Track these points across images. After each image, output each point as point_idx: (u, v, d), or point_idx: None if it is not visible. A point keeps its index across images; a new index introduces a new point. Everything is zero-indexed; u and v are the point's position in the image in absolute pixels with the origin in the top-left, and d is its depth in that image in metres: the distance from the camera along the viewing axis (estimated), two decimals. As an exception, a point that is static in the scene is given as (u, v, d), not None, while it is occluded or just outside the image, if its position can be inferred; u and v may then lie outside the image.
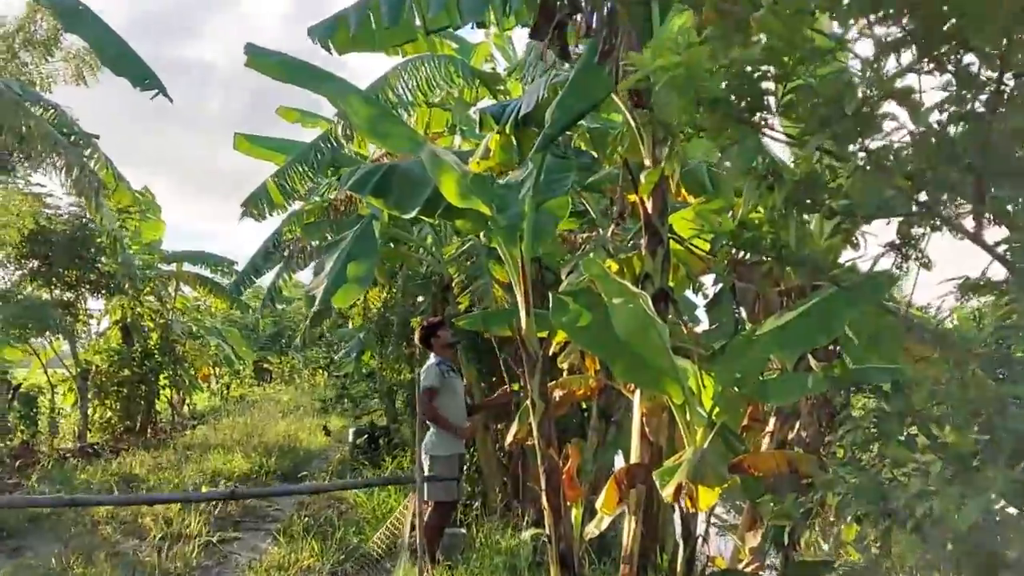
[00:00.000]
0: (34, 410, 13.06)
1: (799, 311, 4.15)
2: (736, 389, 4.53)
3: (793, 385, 4.06)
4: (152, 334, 16.79)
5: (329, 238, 7.93)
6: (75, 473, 10.86)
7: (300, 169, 8.42)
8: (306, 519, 8.20)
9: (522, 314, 4.61)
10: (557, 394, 5.28)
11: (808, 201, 2.09)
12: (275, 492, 6.95)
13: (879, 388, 3.69)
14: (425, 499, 6.45)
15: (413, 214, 4.94)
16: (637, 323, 4.03)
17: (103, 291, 15.61)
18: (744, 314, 5.14)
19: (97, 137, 10.61)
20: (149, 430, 16.57)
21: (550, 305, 4.44)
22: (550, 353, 6.75)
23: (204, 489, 9.11)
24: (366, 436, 10.95)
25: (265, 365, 29.75)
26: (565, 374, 6.36)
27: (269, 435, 15.25)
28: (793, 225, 2.09)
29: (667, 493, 3.62)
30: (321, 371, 18.76)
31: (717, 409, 4.22)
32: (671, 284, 4.77)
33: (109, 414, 15.89)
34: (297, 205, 10.78)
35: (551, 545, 4.48)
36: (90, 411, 15.73)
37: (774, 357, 4.53)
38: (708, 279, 6.88)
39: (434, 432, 6.40)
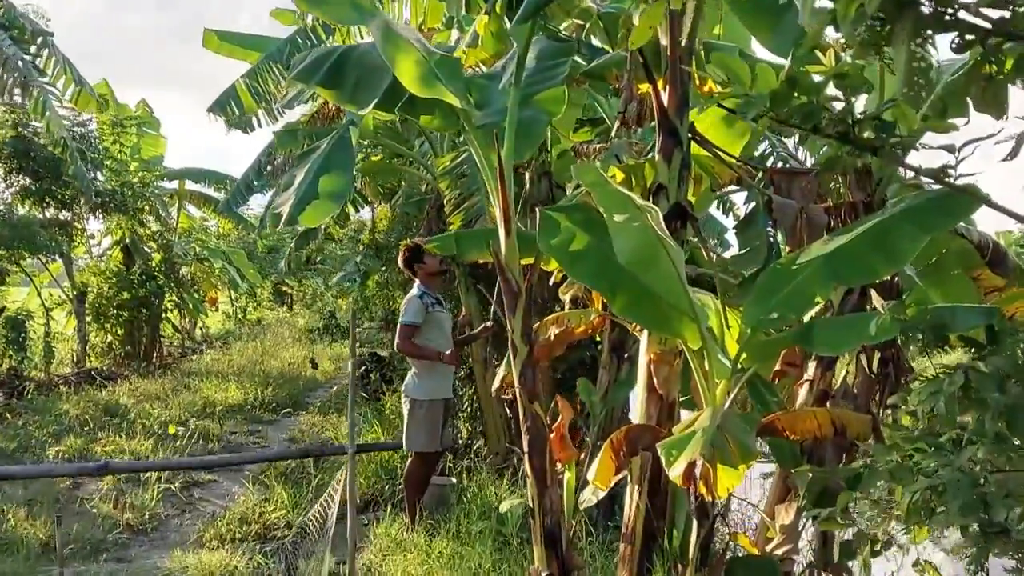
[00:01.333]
0: (22, 335, 12.38)
1: (856, 233, 3.20)
2: (770, 332, 3.61)
3: (849, 330, 3.12)
4: (155, 256, 16.05)
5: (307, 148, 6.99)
6: (58, 402, 10.23)
7: (273, 68, 7.43)
8: (288, 462, 7.46)
9: (501, 235, 3.67)
10: (552, 331, 4.37)
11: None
12: (152, 466, 6.04)
13: (969, 337, 2.75)
14: (405, 448, 5.63)
15: (369, 108, 3.98)
16: (644, 246, 3.10)
17: (99, 210, 14.90)
18: (782, 237, 4.15)
19: (51, 35, 9.63)
20: (154, 355, 15.98)
21: (537, 222, 3.51)
22: (551, 283, 5.85)
23: (190, 422, 8.39)
24: (363, 368, 10.14)
25: (284, 288, 29.07)
26: (568, 307, 5.46)
27: (275, 362, 14.57)
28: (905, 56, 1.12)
29: (675, 475, 2.73)
30: (320, 297, 17.92)
31: (744, 356, 3.30)
32: (690, 198, 3.80)
33: (110, 338, 15.26)
34: (296, 114, 9.84)
35: (535, 520, 3.62)
36: (92, 336, 15.17)
37: (819, 291, 3.59)
38: (740, 197, 5.87)
39: (415, 373, 5.54)
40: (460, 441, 7.83)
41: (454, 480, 6.32)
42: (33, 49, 9.50)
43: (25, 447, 7.97)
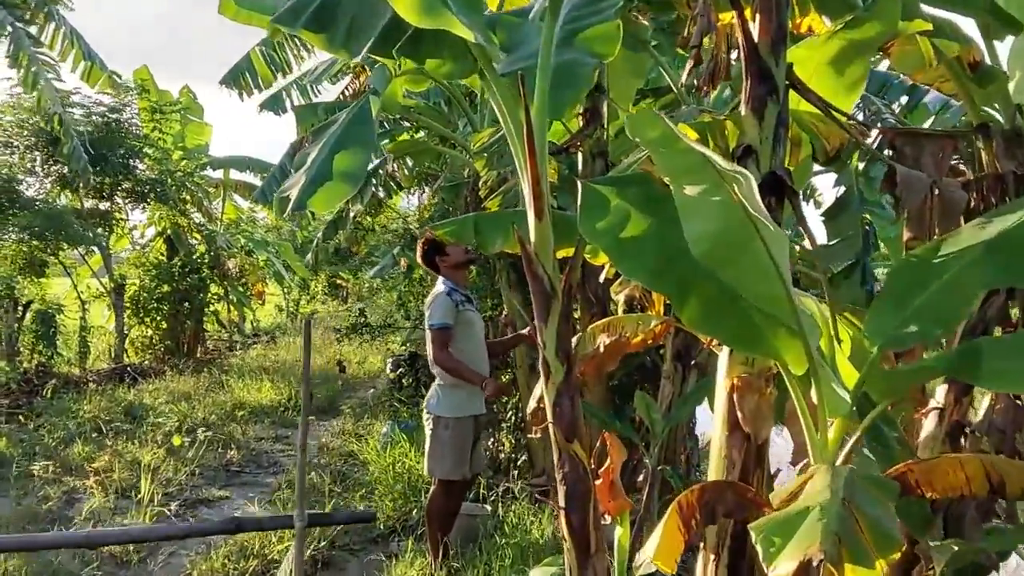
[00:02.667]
0: (52, 329, 11.85)
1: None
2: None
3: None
4: (199, 248, 15.50)
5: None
6: (81, 401, 9.62)
7: (291, 35, 6.61)
8: (310, 476, 6.66)
9: (530, 218, 2.75)
10: (602, 341, 3.44)
11: None
12: (40, 543, 4.68)
13: None
14: (427, 473, 4.75)
15: (362, 54, 3.11)
16: (728, 230, 2.18)
17: (138, 199, 14.38)
18: (906, 216, 3.14)
19: (57, 4, 8.95)
20: (198, 350, 15.45)
21: (578, 200, 2.58)
22: (601, 279, 4.92)
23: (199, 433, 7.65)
24: (398, 371, 9.30)
25: (338, 281, 28.58)
26: (620, 310, 4.51)
27: (319, 359, 13.82)
28: None
29: (779, 574, 1.79)
30: (374, 291, 17.00)
31: (868, 386, 2.34)
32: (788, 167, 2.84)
33: (150, 333, 14.73)
34: (334, 93, 9.03)
35: (572, 598, 2.71)
36: (132, 330, 14.67)
37: (975, 294, 2.63)
38: (821, 182, 4.85)
39: (440, 385, 4.64)
40: (501, 455, 6.95)
41: (488, 508, 5.42)
42: (40, 20, 8.79)
43: (31, 453, 7.32)
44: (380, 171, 7.13)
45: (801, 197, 3.03)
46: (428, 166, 7.98)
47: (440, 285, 4.72)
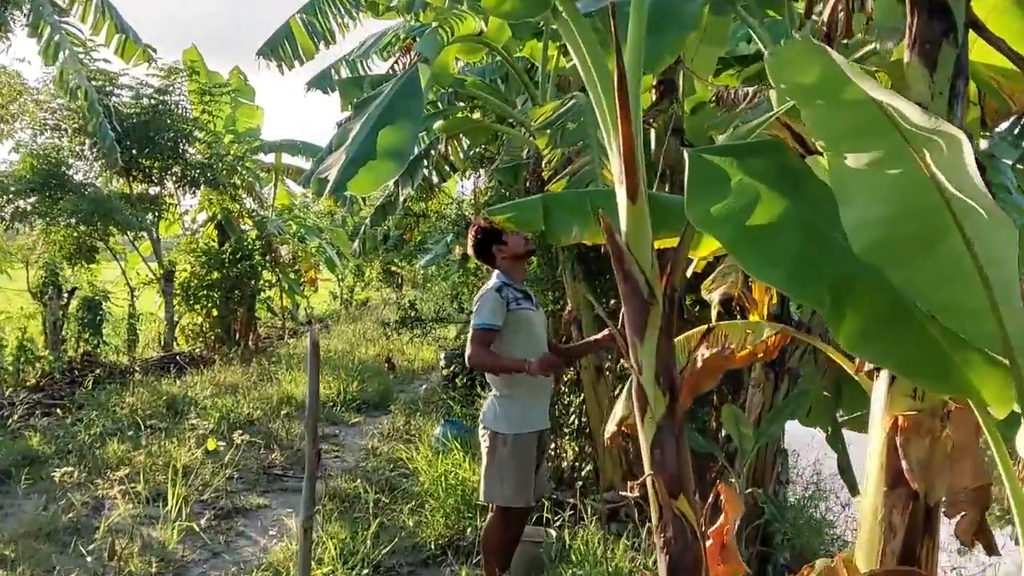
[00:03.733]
0: (99, 317, 11.53)
1: None
2: None
3: None
4: (250, 234, 15.12)
5: (373, 98, 5.55)
6: (124, 393, 9.25)
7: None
8: (355, 484, 6.12)
9: (621, 200, 2.11)
10: (700, 355, 2.78)
11: None
12: None
13: None
14: (483, 498, 4.14)
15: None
16: (910, 216, 1.55)
17: (188, 184, 14.03)
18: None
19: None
20: (250, 338, 15.09)
21: (686, 175, 1.93)
22: (687, 273, 4.25)
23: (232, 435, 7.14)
24: (451, 368, 8.71)
25: (393, 268, 28.22)
26: (714, 313, 3.84)
27: (373, 348, 13.30)
28: None
29: None
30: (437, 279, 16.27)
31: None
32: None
33: (200, 320, 14.40)
34: (384, 69, 8.45)
35: None
36: (183, 318, 14.37)
37: None
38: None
39: (496, 396, 4.01)
40: (563, 464, 6.33)
41: (552, 534, 4.80)
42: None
43: (64, 451, 6.91)
44: (432, 152, 6.53)
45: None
46: (484, 147, 7.35)
47: (493, 279, 4.09)
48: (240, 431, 7.00)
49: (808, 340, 2.74)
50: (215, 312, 14.33)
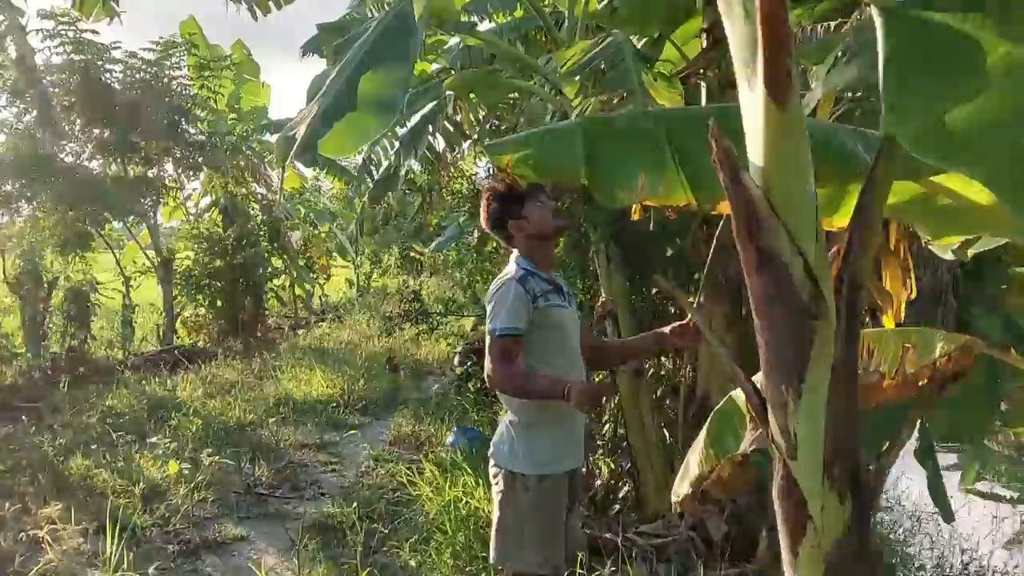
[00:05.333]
0: (86, 308, 10.64)
1: None
2: None
3: None
4: (256, 219, 14.23)
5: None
6: (106, 395, 8.36)
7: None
8: (348, 511, 5.15)
9: (750, 105, 1.10)
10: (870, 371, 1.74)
11: None
12: None
13: None
14: (493, 560, 3.10)
15: None
16: None
17: (190, 167, 13.13)
18: None
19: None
20: (258, 330, 14.21)
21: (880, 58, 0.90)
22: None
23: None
24: (466, 365, 7.69)
25: (412, 254, 27.26)
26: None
27: (379, 344, 12.26)
28: None
29: None
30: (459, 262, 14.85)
31: None
32: None
33: (203, 312, 13.53)
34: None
35: None
36: (185, 310, 13.52)
37: None
38: None
39: (513, 423, 2.97)
40: (596, 483, 5.32)
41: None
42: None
43: (15, 470, 5.98)
44: (438, 116, 5.52)
45: None
46: (496, 119, 6.32)
47: (512, 265, 3.04)
48: (210, 451, 6.03)
49: (1005, 359, 1.71)
50: (219, 303, 13.48)
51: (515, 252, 3.07)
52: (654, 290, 5.21)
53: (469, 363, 7.76)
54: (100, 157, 12.21)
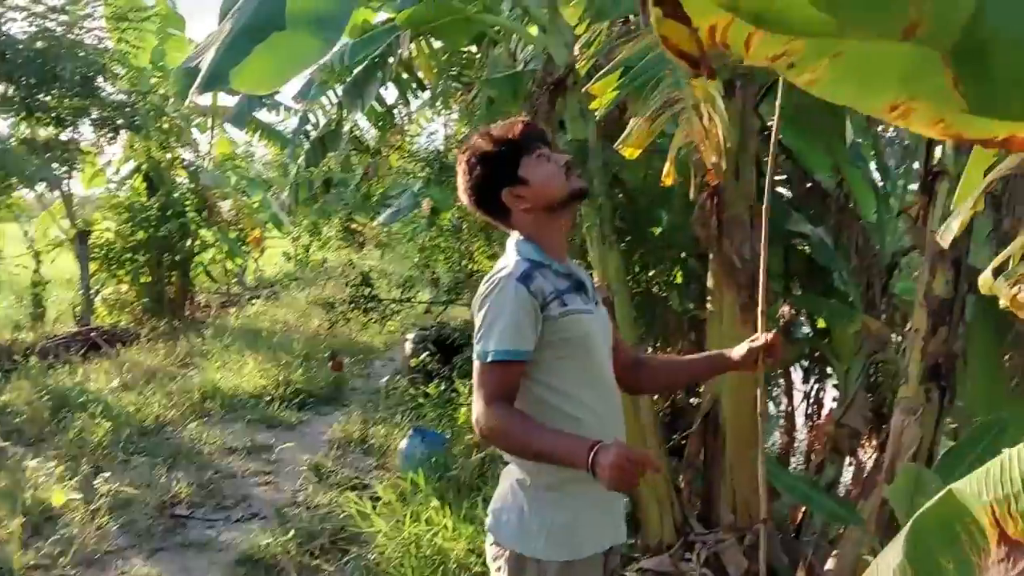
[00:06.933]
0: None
1: None
2: None
3: None
4: (182, 187, 13.03)
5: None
6: (5, 386, 7.26)
7: None
8: (285, 541, 4.21)
9: None
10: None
11: None
12: None
13: None
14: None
15: None
16: None
17: (111, 130, 11.84)
18: None
19: None
20: (186, 308, 13.09)
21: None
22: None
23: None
24: (428, 351, 6.71)
25: (354, 226, 26.04)
26: None
27: (323, 323, 11.14)
28: None
29: None
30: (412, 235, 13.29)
31: None
32: None
33: (125, 289, 12.34)
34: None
35: None
36: (105, 287, 12.32)
37: None
38: None
39: (526, 483, 2.00)
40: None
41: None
42: None
43: None
44: (390, 60, 4.53)
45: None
46: (464, 55, 5.33)
47: (509, 255, 2.06)
48: (104, 474, 5.02)
49: None
50: (143, 279, 12.31)
51: (513, 235, 2.12)
52: (653, 275, 4.34)
53: (426, 353, 6.80)
54: (3, 117, 10.93)
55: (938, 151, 3.12)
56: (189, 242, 12.70)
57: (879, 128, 5.10)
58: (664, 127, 2.66)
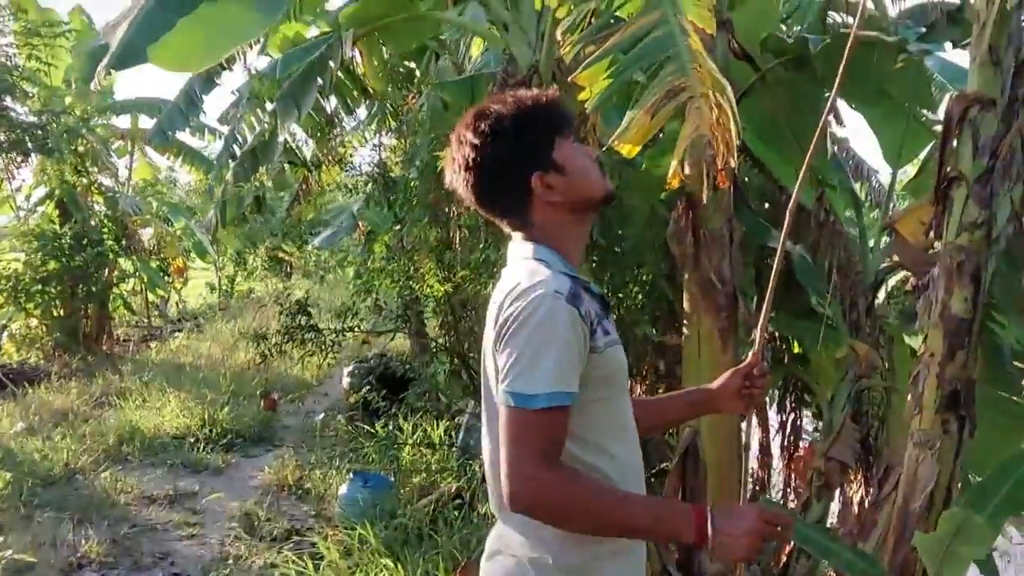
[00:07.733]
0: None
1: None
2: None
3: None
4: (99, 214, 12.30)
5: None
6: None
7: None
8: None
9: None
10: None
11: None
12: None
13: None
14: None
15: None
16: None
17: (20, 153, 11.12)
18: None
19: None
20: (103, 343, 12.31)
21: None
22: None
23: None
24: (369, 386, 6.17)
25: (280, 255, 25.23)
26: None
27: (251, 356, 10.47)
28: None
29: None
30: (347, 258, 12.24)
31: None
32: None
33: (35, 324, 11.53)
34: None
35: None
36: (13, 321, 11.50)
37: None
38: None
39: (539, 562, 1.52)
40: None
41: None
42: None
43: None
44: (330, 64, 4.06)
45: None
46: (409, 61, 4.89)
47: (531, 263, 1.56)
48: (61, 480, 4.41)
49: None
50: (55, 312, 11.53)
51: (520, 241, 1.67)
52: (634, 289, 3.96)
53: (367, 387, 6.26)
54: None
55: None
56: (107, 272, 12.01)
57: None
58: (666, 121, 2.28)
